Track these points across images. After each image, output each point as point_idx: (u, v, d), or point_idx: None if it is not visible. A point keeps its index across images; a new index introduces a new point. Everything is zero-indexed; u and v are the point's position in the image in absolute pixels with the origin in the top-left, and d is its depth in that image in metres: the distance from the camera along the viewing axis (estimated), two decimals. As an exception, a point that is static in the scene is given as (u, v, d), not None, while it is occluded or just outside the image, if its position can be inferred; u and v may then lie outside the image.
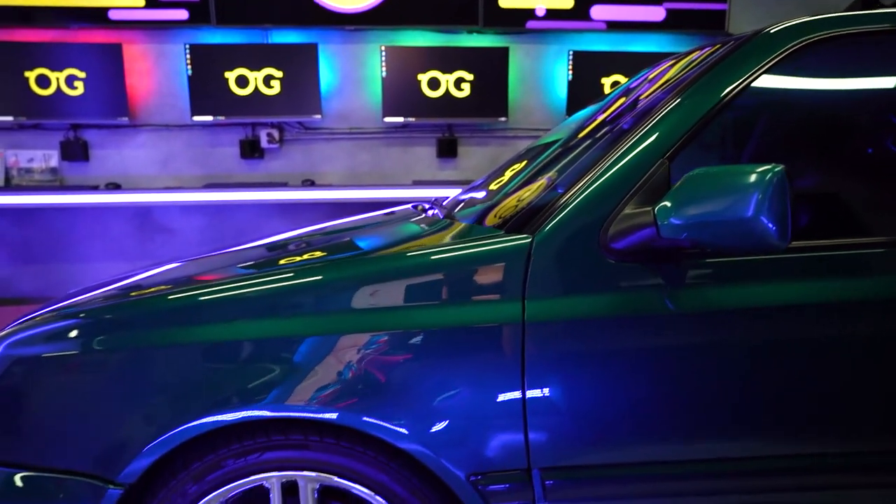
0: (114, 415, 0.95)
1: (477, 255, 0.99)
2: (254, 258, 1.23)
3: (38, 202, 2.96)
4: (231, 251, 1.43)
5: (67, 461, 0.97)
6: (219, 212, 3.42)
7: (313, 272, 1.01)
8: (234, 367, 0.95)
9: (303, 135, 3.40)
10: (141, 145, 3.35)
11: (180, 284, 1.05)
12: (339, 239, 1.30)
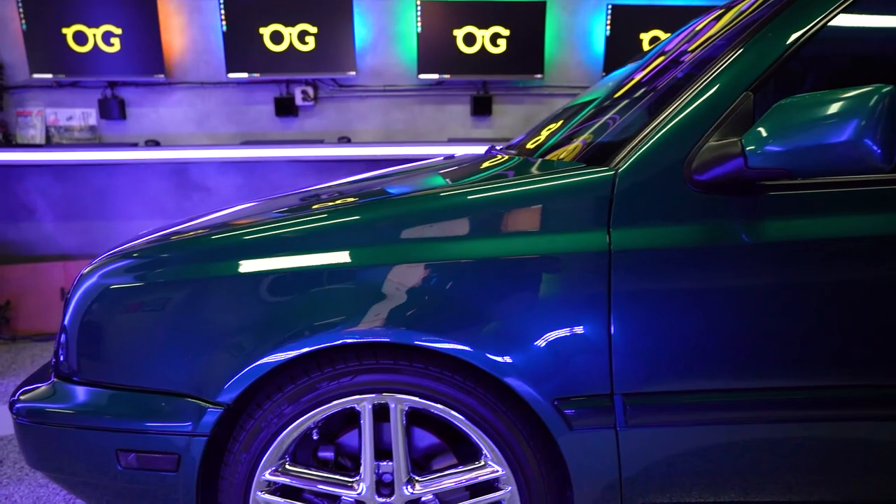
0: (213, 340, 0.99)
1: (563, 186, 1.00)
2: (341, 194, 1.24)
3: (78, 158, 3.00)
4: (307, 191, 1.45)
5: (170, 383, 1.01)
6: (254, 170, 3.44)
7: (411, 202, 1.02)
8: (331, 293, 0.97)
9: (337, 92, 3.38)
10: (177, 103, 3.36)
11: (276, 217, 1.07)
12: (423, 177, 1.30)
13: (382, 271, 0.96)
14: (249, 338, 0.97)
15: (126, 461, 1.05)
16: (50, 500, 1.63)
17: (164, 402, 1.02)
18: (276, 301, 0.98)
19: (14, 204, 3.39)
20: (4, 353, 2.90)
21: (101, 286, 1.07)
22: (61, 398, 1.10)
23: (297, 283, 0.97)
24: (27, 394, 1.16)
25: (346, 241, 0.99)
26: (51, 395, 1.12)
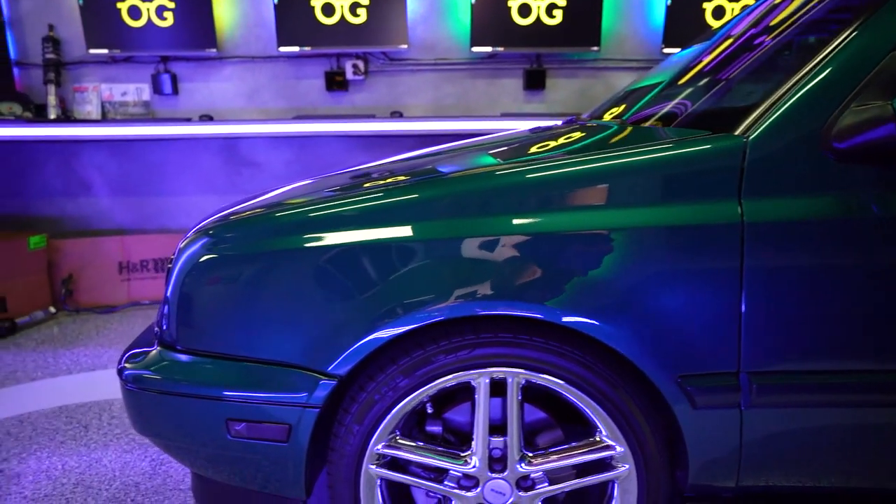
0: (329, 313, 0.97)
1: (690, 154, 0.95)
2: (450, 162, 1.21)
3: (133, 133, 3.02)
4: (411, 160, 1.41)
5: (282, 355, 1.01)
6: (304, 145, 3.43)
7: (531, 171, 0.98)
8: (449, 264, 0.95)
9: (387, 66, 3.33)
10: (227, 78, 3.35)
11: (393, 185, 1.04)
12: (529, 145, 1.26)
13: (515, 242, 0.93)
14: (368, 310, 0.95)
15: (236, 430, 1.06)
16: (136, 465, 1.67)
17: (276, 374, 1.01)
18: (401, 272, 0.95)
19: (72, 179, 3.45)
20: (70, 325, 2.99)
21: (208, 257, 1.06)
22: (169, 367, 1.11)
23: (427, 254, 0.95)
24: (134, 362, 1.17)
25: (479, 210, 0.95)
26: (158, 363, 1.13)
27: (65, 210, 3.48)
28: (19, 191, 3.45)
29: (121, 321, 3.03)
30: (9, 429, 1.89)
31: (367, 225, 0.97)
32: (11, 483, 1.59)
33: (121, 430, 1.87)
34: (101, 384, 2.23)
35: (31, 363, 2.46)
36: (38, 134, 2.99)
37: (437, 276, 0.94)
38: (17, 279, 2.93)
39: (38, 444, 1.79)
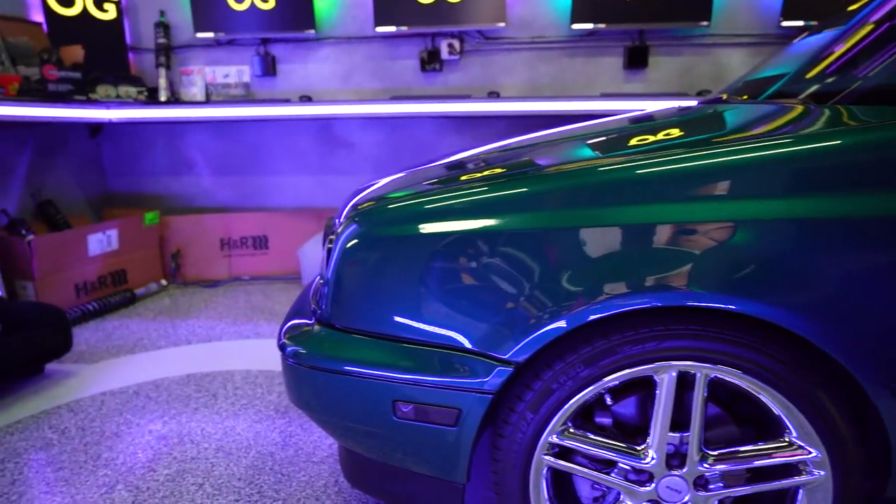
0: (509, 298, 0.96)
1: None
2: (612, 143, 1.15)
3: (235, 115, 3.11)
4: (565, 136, 1.35)
5: (456, 339, 1.00)
6: (396, 126, 3.44)
7: (741, 152, 0.90)
8: (640, 252, 0.91)
9: (483, 45, 3.27)
10: (323, 59, 3.40)
11: (581, 162, 1.00)
12: (702, 124, 1.18)
13: (724, 230, 0.87)
14: (557, 298, 0.93)
15: (402, 412, 1.07)
16: (267, 435, 1.74)
17: (449, 358, 1.01)
18: (599, 257, 0.91)
19: (177, 158, 3.62)
20: (180, 297, 3.16)
21: (371, 236, 1.07)
22: (333, 346, 1.13)
23: (635, 239, 0.90)
24: (295, 338, 1.20)
25: (684, 194, 0.89)
26: (321, 341, 1.15)
27: (170, 188, 3.67)
28: (131, 170, 3.66)
29: (224, 295, 3.17)
30: (148, 392, 2.02)
31: (567, 207, 0.93)
32: (161, 443, 1.70)
33: (246, 401, 1.95)
34: (220, 355, 2.34)
35: (153, 332, 2.62)
36: (150, 116, 3.13)
37: (646, 262, 0.90)
38: (135, 253, 3.12)
39: (176, 409, 1.90)
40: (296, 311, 1.53)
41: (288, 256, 3.43)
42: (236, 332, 2.60)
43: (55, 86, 2.82)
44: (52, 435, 1.76)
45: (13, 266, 2.60)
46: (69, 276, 2.76)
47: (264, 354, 2.34)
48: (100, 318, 2.83)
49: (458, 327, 1.00)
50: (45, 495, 1.48)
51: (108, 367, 2.24)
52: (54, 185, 3.25)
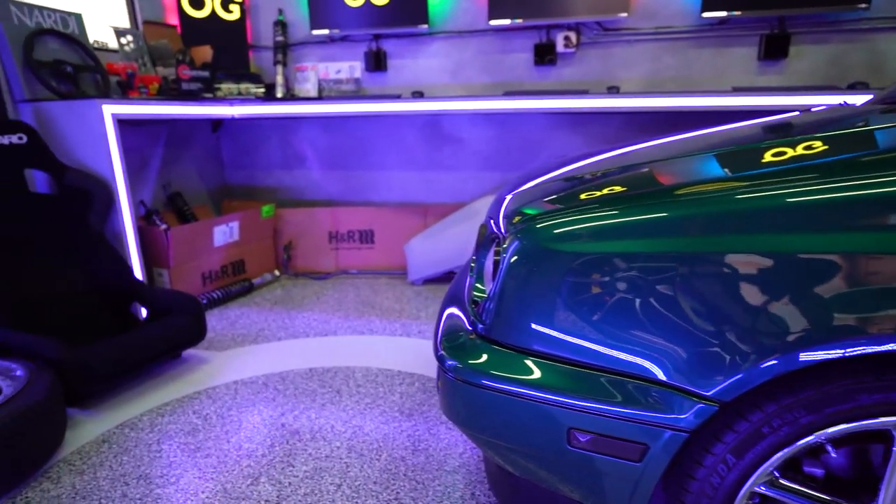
0: (716, 327, 0.86)
1: None
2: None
3: (347, 111, 3.15)
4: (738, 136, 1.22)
5: (648, 369, 0.92)
6: (506, 122, 3.36)
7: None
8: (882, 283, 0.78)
9: (601, 37, 3.11)
10: (434, 54, 3.37)
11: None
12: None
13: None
14: (779, 330, 0.82)
15: (579, 442, 1.00)
16: (396, 438, 1.74)
17: (638, 389, 0.93)
18: (843, 286, 0.79)
19: (290, 153, 3.74)
20: (292, 288, 3.27)
21: (546, 252, 1.00)
22: (501, 364, 1.08)
23: (820, 267, 0.79)
24: (455, 351, 1.16)
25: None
26: (486, 358, 1.11)
27: (282, 181, 3.80)
28: (247, 163, 3.83)
29: (334, 288, 3.25)
30: (276, 384, 2.09)
31: (806, 228, 0.81)
32: (295, 438, 1.74)
33: (370, 400, 1.97)
34: (338, 350, 2.38)
35: (272, 323, 2.72)
36: (267, 112, 3.24)
37: (842, 296, 0.77)
38: (252, 244, 3.26)
39: (304, 403, 1.95)
40: (451, 298, 1.51)
41: (393, 251, 3.47)
42: (350, 327, 2.64)
43: (187, 84, 2.98)
44: (197, 420, 1.85)
45: (152, 254, 2.79)
46: (197, 265, 2.92)
47: (381, 352, 2.36)
48: (222, 305, 2.99)
49: (652, 356, 0.91)
50: (199, 480, 1.55)
51: (236, 356, 2.35)
52: (181, 178, 3.46)
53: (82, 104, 2.41)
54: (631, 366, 0.94)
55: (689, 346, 0.88)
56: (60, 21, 2.57)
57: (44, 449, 1.60)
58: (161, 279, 2.81)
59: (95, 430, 1.82)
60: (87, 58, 2.68)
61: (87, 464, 1.64)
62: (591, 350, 0.97)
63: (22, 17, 2.40)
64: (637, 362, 0.93)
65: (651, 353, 0.91)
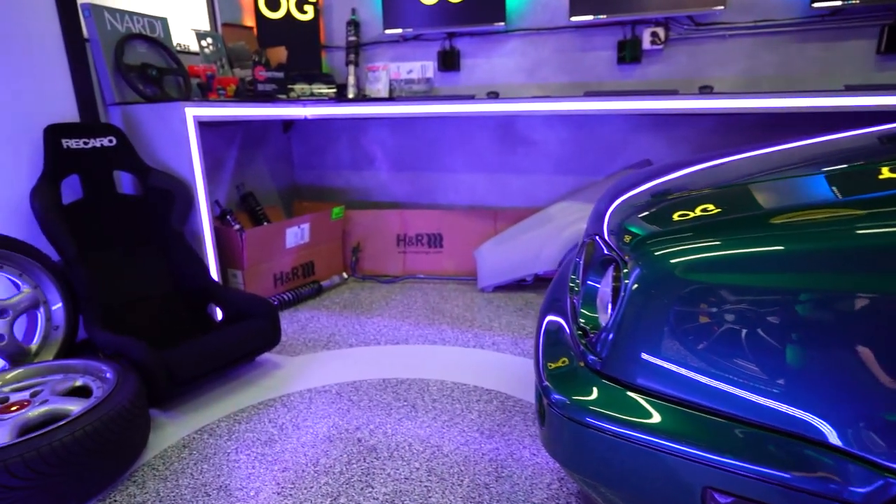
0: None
1: None
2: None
3: (419, 111, 3.07)
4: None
5: (813, 426, 0.78)
6: (583, 123, 3.20)
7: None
8: None
9: (692, 33, 2.89)
10: (509, 53, 3.25)
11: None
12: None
13: None
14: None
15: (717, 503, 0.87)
16: (478, 462, 1.64)
17: (800, 450, 0.79)
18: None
19: (359, 153, 3.72)
20: (360, 291, 3.24)
21: (682, 282, 0.87)
22: (620, 405, 0.96)
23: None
24: (564, 384, 1.06)
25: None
26: (602, 395, 0.99)
27: (350, 182, 3.79)
28: (316, 163, 3.84)
29: (401, 292, 3.20)
30: (349, 395, 2.04)
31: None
32: (372, 456, 1.68)
33: (447, 417, 1.88)
34: (411, 360, 2.32)
35: (342, 328, 2.69)
36: (339, 112, 3.22)
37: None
38: (322, 246, 3.26)
39: (379, 417, 1.89)
40: (551, 304, 1.40)
41: (462, 256, 3.38)
42: (421, 335, 2.57)
43: (263, 86, 3.00)
44: (273, 430, 1.83)
45: (226, 255, 2.82)
46: (270, 266, 2.94)
47: (454, 364, 2.27)
48: (293, 307, 2.99)
49: (820, 412, 0.77)
50: (278, 497, 1.51)
51: (308, 362, 2.32)
52: (253, 178, 3.50)
53: (166, 107, 2.45)
54: (788, 421, 0.80)
55: (871, 405, 0.74)
56: (148, 25, 2.63)
57: (130, 452, 1.60)
58: (235, 280, 2.83)
59: (176, 433, 1.82)
60: (170, 61, 2.73)
61: (170, 469, 1.64)
62: (740, 399, 0.84)
63: (114, 23, 2.47)
64: (797, 417, 0.79)
65: (817, 408, 0.77)
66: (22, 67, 2.16)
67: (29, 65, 2.18)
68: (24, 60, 2.16)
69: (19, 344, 1.94)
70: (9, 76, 2.12)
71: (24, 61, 2.16)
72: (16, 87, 2.14)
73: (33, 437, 1.38)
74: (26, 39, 2.17)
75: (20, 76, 2.15)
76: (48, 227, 2.04)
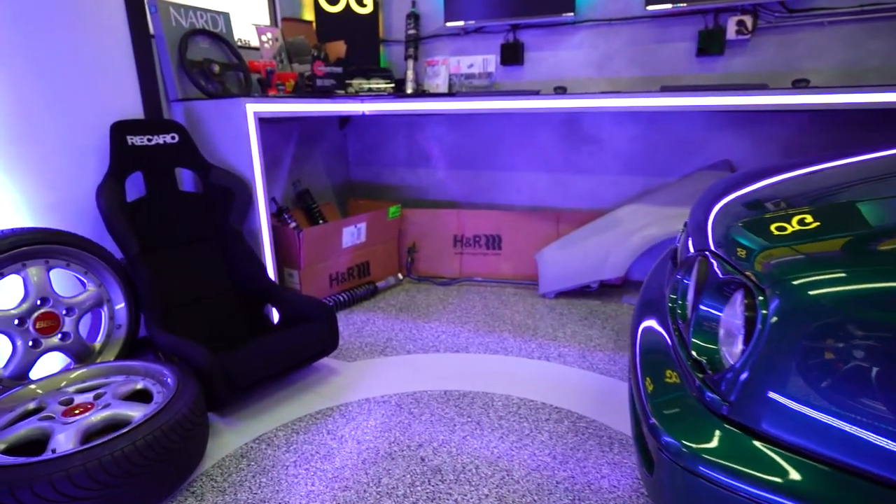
0: None
1: None
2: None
3: (482, 108, 2.93)
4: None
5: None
6: (654, 120, 2.99)
7: None
8: None
9: (783, 20, 2.64)
10: (577, 45, 3.06)
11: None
12: None
13: None
14: None
15: None
16: (552, 492, 1.51)
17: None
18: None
19: (415, 150, 3.62)
20: (416, 294, 3.15)
21: (849, 320, 0.71)
22: (760, 462, 0.81)
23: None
24: (682, 428, 0.91)
25: None
26: (736, 448, 0.84)
27: (405, 179, 3.70)
28: (372, 160, 3.77)
29: (458, 296, 3.08)
30: (410, 407, 1.94)
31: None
32: (436, 479, 1.57)
33: (515, 438, 1.75)
34: (472, 371, 2.19)
35: (399, 332, 2.59)
36: (397, 108, 3.12)
37: None
38: (378, 246, 3.17)
39: (443, 434, 1.78)
40: (646, 306, 1.26)
41: (521, 260, 3.23)
42: (482, 343, 2.45)
43: (321, 81, 2.93)
44: (332, 442, 1.75)
45: (283, 254, 2.77)
46: (326, 266, 2.88)
47: (519, 377, 2.13)
48: (348, 308, 2.92)
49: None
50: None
51: (365, 368, 2.24)
52: (309, 175, 3.46)
53: (227, 103, 2.41)
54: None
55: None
56: (210, 21, 2.60)
57: (190, 461, 1.55)
58: (291, 280, 2.79)
59: (234, 441, 1.77)
60: (231, 56, 2.69)
61: (228, 482, 1.58)
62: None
63: (179, 19, 2.44)
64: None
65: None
66: (91, 65, 2.15)
67: (98, 62, 2.17)
68: (93, 57, 2.16)
69: (84, 342, 1.94)
70: (79, 74, 2.11)
71: (94, 58, 2.16)
72: (85, 84, 2.14)
73: (95, 446, 1.34)
74: (96, 36, 2.16)
75: (90, 73, 2.15)
76: (113, 225, 2.03)
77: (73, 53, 2.09)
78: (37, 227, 1.84)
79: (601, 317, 2.73)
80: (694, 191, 2.83)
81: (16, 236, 1.76)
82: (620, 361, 2.25)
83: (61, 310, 1.88)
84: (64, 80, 2.08)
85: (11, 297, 1.91)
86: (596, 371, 2.18)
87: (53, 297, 1.86)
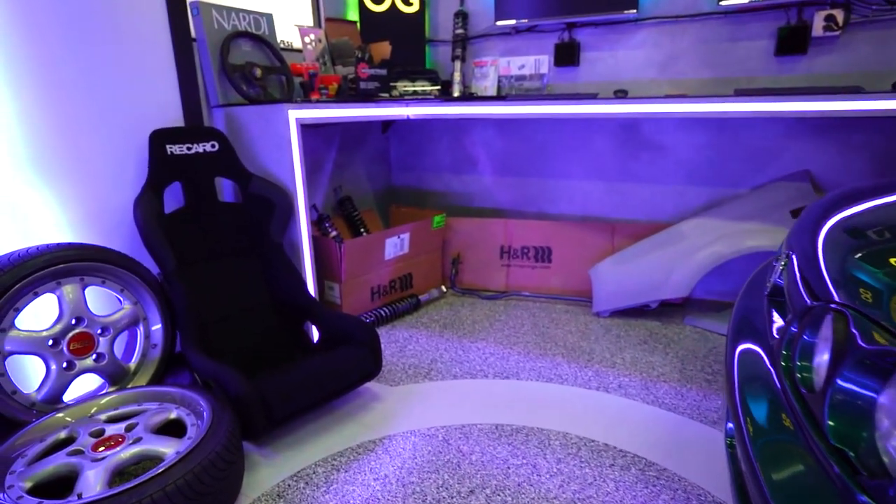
0: None
1: None
2: None
3: (535, 112, 2.74)
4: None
5: None
6: (726, 126, 2.74)
7: None
8: None
9: (882, 14, 2.35)
10: (638, 44, 2.83)
11: None
12: None
13: None
14: None
15: None
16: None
17: None
18: None
19: (460, 156, 3.46)
20: (461, 308, 2.98)
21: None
22: None
23: None
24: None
25: None
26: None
27: (450, 186, 3.54)
28: (415, 165, 3.62)
29: (505, 312, 2.90)
30: (459, 444, 1.78)
31: None
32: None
33: (577, 487, 1.57)
34: (524, 402, 2.02)
35: (444, 353, 2.44)
36: (444, 112, 2.96)
37: None
38: (421, 257, 3.03)
39: (496, 479, 1.61)
40: (740, 331, 1.10)
41: (573, 274, 3.03)
42: (533, 369, 2.27)
43: (365, 84, 2.79)
44: (375, 484, 1.60)
45: (323, 267, 2.66)
46: (368, 279, 2.75)
47: (577, 411, 1.95)
48: (389, 324, 2.78)
49: None
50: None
51: (409, 394, 2.09)
52: (350, 181, 3.33)
53: (269, 109, 2.29)
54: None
55: None
56: (253, 22, 2.49)
57: (224, 501, 1.43)
58: (332, 293, 2.67)
59: (270, 478, 1.64)
60: (274, 59, 2.59)
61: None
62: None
63: (221, 21, 2.34)
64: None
65: None
66: (132, 72, 2.07)
67: (139, 67, 2.09)
68: (134, 64, 2.07)
69: (119, 363, 1.85)
70: (119, 82, 2.03)
71: (134, 65, 2.07)
72: (125, 92, 2.06)
73: (122, 493, 1.23)
74: (139, 43, 2.07)
75: (130, 81, 2.06)
76: (150, 239, 1.94)
77: (115, 62, 2.01)
78: (72, 243, 1.76)
79: (663, 341, 2.51)
80: (768, 204, 2.57)
81: (50, 253, 1.68)
82: (688, 396, 2.03)
83: (96, 329, 1.80)
84: (104, 89, 1.99)
85: (45, 317, 1.84)
86: (662, 406, 1.97)
87: (88, 316, 1.78)
